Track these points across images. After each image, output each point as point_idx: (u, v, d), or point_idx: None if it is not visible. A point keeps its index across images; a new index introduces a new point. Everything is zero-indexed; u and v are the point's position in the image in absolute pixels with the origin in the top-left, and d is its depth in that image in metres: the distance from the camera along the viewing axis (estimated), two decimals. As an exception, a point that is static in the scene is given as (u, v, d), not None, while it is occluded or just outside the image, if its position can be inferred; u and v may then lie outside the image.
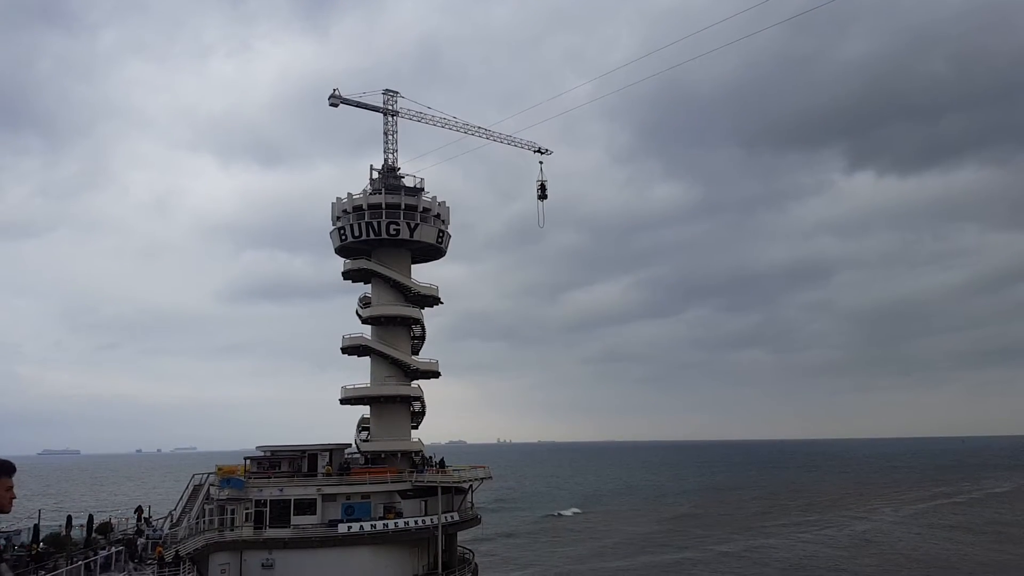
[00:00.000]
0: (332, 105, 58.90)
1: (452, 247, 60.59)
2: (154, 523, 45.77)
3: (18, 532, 37.97)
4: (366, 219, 56.05)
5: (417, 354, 58.66)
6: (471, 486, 53.99)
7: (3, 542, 34.07)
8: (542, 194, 63.59)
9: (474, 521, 55.12)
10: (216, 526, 46.16)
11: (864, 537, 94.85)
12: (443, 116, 60.64)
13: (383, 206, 56.01)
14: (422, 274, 61.42)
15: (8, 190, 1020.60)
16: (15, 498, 5.64)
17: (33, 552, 33.12)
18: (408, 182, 58.88)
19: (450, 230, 60.64)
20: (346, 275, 59.04)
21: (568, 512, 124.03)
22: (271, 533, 46.42)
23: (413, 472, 52.31)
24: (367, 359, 57.89)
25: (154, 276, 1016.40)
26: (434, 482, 50.55)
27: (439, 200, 59.06)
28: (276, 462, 52.55)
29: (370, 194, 57.22)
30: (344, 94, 59.07)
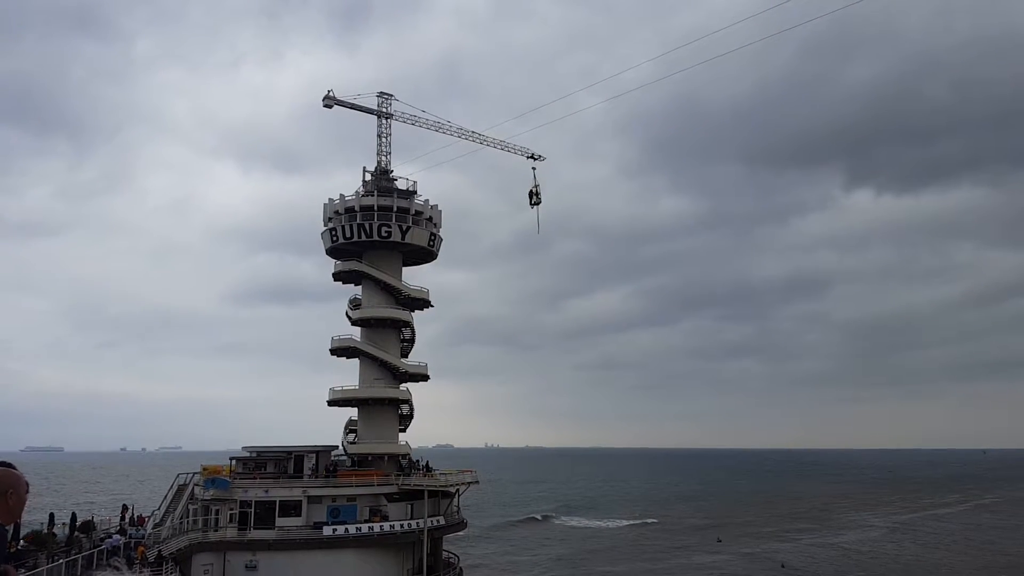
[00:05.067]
0: (326, 106, 58.81)
1: (460, 253, 61.89)
2: (136, 524, 45.45)
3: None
4: (358, 220, 55.97)
5: (406, 357, 58.57)
6: (458, 490, 53.90)
7: None
8: (534, 200, 63.53)
9: (460, 525, 55.02)
10: (200, 526, 45.87)
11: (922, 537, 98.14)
12: (437, 120, 60.71)
13: (375, 208, 55.97)
14: (423, 279, 61.57)
15: (28, 191, 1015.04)
16: None
17: (12, 550, 32.83)
18: (401, 185, 58.88)
19: (447, 235, 60.79)
20: (336, 276, 58.98)
21: (646, 520, 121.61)
22: (255, 534, 46.13)
23: (400, 475, 52.21)
24: (357, 361, 57.79)
25: (164, 277, 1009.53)
26: (420, 486, 50.46)
27: (432, 203, 59.09)
28: (262, 463, 52.31)
29: (362, 196, 57.19)
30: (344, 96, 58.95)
